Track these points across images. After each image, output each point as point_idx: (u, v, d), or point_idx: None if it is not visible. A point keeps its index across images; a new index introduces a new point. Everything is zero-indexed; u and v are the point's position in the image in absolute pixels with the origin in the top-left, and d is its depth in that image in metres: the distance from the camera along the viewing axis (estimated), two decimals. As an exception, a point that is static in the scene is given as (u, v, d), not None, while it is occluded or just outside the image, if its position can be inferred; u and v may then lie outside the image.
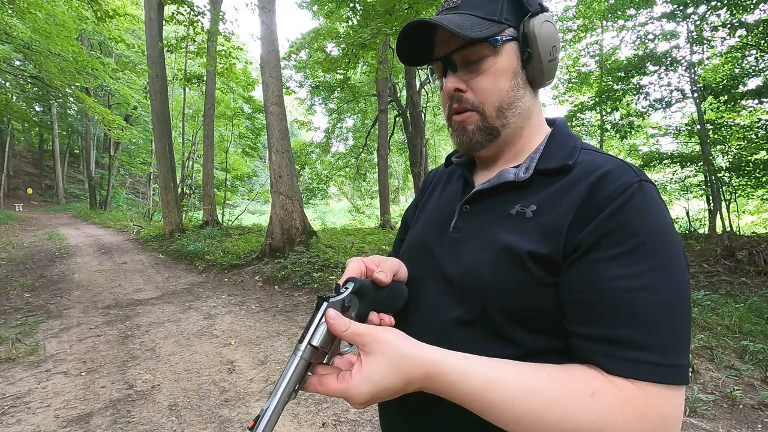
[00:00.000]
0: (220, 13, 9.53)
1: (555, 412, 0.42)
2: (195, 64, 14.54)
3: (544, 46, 0.57)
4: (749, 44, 5.73)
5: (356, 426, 2.24)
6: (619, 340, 0.44)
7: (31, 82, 13.95)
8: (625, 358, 0.43)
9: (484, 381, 0.44)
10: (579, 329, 0.47)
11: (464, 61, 0.59)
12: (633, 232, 0.46)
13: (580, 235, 0.48)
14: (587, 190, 0.51)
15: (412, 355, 0.45)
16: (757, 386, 2.50)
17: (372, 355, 0.45)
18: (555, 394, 0.43)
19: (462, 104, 0.60)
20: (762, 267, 4.49)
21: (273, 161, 6.88)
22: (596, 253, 0.47)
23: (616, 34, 10.79)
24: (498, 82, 0.58)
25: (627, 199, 0.48)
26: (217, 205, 12.29)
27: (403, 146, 16.57)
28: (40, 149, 28.11)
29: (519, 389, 0.44)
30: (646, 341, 0.43)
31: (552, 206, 0.53)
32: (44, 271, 6.68)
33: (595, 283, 0.46)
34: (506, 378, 0.44)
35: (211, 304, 4.78)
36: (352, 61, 7.50)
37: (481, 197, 0.62)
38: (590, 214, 0.49)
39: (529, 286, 0.50)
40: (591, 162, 0.55)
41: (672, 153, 7.05)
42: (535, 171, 0.58)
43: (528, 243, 0.51)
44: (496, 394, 0.44)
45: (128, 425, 2.27)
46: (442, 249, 0.62)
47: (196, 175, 17.96)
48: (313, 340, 0.45)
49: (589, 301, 0.46)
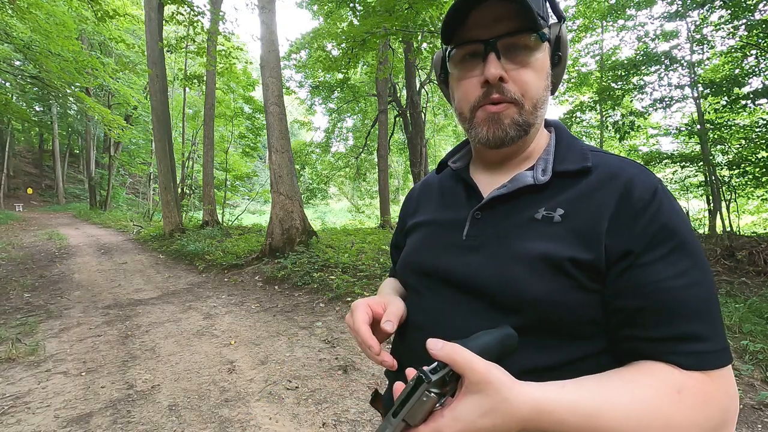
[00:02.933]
0: (220, 13, 9.54)
1: (661, 418, 0.43)
2: (195, 64, 14.56)
3: (567, 54, 0.60)
4: (750, 44, 5.73)
5: (356, 426, 2.24)
6: (686, 336, 0.46)
7: (31, 82, 13.95)
8: (695, 352, 0.45)
9: (591, 407, 0.42)
10: (644, 333, 0.48)
11: (509, 49, 0.55)
12: (672, 232, 0.49)
13: (625, 241, 0.49)
14: (618, 194, 0.51)
15: (515, 398, 0.41)
16: (757, 386, 2.50)
17: (474, 395, 0.41)
18: (654, 400, 0.43)
19: (503, 95, 0.55)
20: (762, 267, 4.49)
21: (273, 161, 6.88)
22: (646, 257, 0.48)
23: (616, 34, 10.80)
24: (539, 78, 0.57)
25: (659, 201, 0.50)
26: (217, 205, 12.29)
27: (403, 146, 16.56)
28: (40, 149, 28.13)
29: (623, 405, 0.43)
30: (706, 333, 0.46)
31: (580, 210, 0.53)
32: (44, 271, 6.68)
33: (651, 286, 0.47)
34: (608, 397, 0.43)
35: (211, 304, 4.78)
36: (352, 60, 7.50)
37: (493, 203, 0.59)
38: (629, 219, 0.50)
39: (569, 293, 0.49)
40: (607, 164, 0.56)
41: (672, 153, 7.05)
42: (553, 173, 0.57)
43: (566, 249, 0.50)
44: (605, 417, 0.42)
45: (128, 425, 2.27)
46: (455, 259, 0.58)
47: (196, 175, 17.95)
48: (408, 419, 0.42)
49: (649, 305, 0.47)
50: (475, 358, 0.42)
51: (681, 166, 6.78)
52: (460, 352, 0.42)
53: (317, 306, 4.58)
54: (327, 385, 2.70)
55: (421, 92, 12.83)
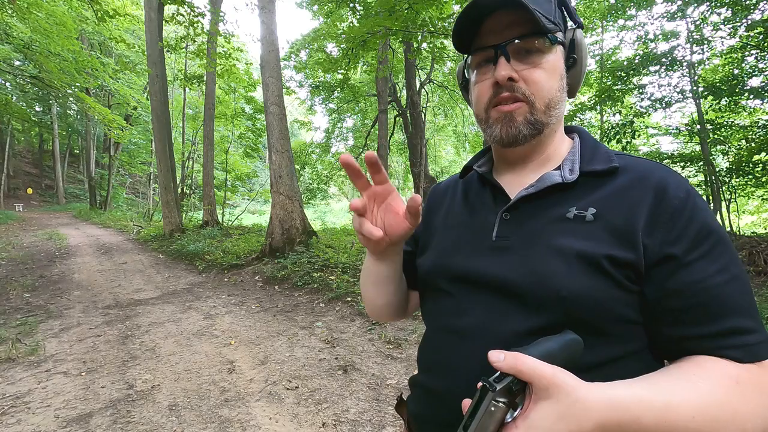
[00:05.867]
0: (220, 14, 9.53)
1: (728, 410, 0.43)
2: (195, 64, 14.55)
3: (585, 59, 0.62)
4: (750, 44, 5.72)
5: (356, 426, 2.24)
6: (736, 330, 0.47)
7: (31, 82, 13.95)
8: (746, 345, 0.47)
9: (662, 402, 0.43)
10: (694, 331, 0.49)
11: (520, 52, 0.58)
12: (709, 230, 0.50)
13: (666, 242, 0.50)
14: (652, 194, 0.52)
15: (586, 398, 0.41)
16: (758, 386, 2.50)
17: (544, 402, 0.41)
18: (718, 394, 0.44)
19: (514, 93, 0.58)
20: (762, 267, 4.49)
21: (273, 161, 6.88)
22: (689, 256, 0.49)
23: (616, 34, 10.80)
24: (550, 78, 0.58)
25: (694, 200, 0.52)
26: (217, 205, 12.29)
27: (403, 146, 16.55)
28: (40, 149, 28.13)
29: (692, 399, 0.43)
30: (752, 325, 0.48)
31: (612, 208, 0.53)
32: (44, 271, 6.68)
33: (699, 285, 0.48)
34: (676, 392, 0.44)
35: (211, 304, 4.78)
36: (352, 61, 7.50)
37: (521, 203, 0.60)
38: (666, 219, 0.51)
39: (606, 291, 0.50)
40: (635, 165, 0.57)
41: (672, 153, 7.05)
42: (580, 173, 0.58)
43: (602, 247, 0.51)
44: (677, 412, 0.42)
45: (128, 425, 2.27)
46: (487, 260, 0.58)
47: (196, 175, 17.96)
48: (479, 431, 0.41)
49: (698, 303, 0.48)
50: (540, 364, 0.41)
51: (681, 166, 6.77)
52: (524, 359, 0.41)
53: (317, 306, 4.58)
54: (327, 385, 2.70)
55: (421, 92, 12.83)
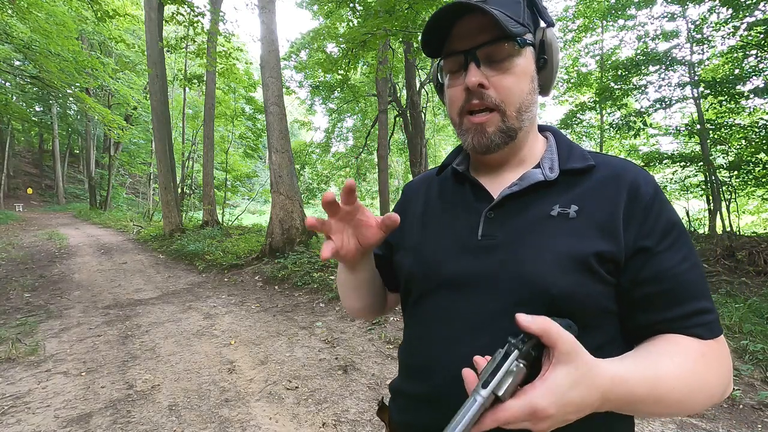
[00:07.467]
0: (220, 14, 9.52)
1: (700, 380, 0.49)
2: (195, 64, 14.54)
3: (556, 57, 0.62)
4: (750, 44, 5.72)
5: (356, 426, 2.24)
6: (699, 311, 0.53)
7: (31, 82, 13.94)
8: (706, 323, 0.53)
9: (651, 375, 0.47)
10: (666, 314, 0.53)
11: (489, 57, 0.58)
12: (673, 223, 0.55)
13: (640, 234, 0.54)
14: (626, 190, 0.56)
15: (597, 367, 0.43)
16: (757, 386, 2.50)
17: (564, 365, 0.41)
18: (690, 366, 0.50)
19: (483, 101, 0.58)
20: (762, 267, 4.48)
21: (273, 161, 6.88)
22: (659, 247, 0.54)
23: (616, 34, 10.80)
24: (520, 82, 0.58)
25: (660, 196, 0.56)
26: (217, 205, 12.29)
27: (403, 146, 16.55)
28: (40, 149, 28.12)
29: (673, 372, 0.48)
30: (710, 306, 0.53)
31: (593, 204, 0.56)
32: (44, 271, 6.68)
33: (667, 272, 0.53)
34: (659, 366, 0.48)
35: (211, 304, 4.78)
36: (352, 61, 7.50)
37: (505, 201, 0.60)
38: (640, 213, 0.55)
39: (591, 286, 0.53)
40: (609, 163, 0.60)
41: (672, 153, 7.04)
42: (560, 171, 0.59)
43: (590, 244, 0.54)
44: (663, 383, 0.47)
45: (128, 425, 2.27)
46: (473, 259, 0.58)
47: (196, 175, 17.95)
48: (498, 390, 0.41)
49: (668, 289, 0.53)
50: (564, 330, 0.43)
51: (681, 166, 6.77)
52: (552, 323, 0.43)
53: (317, 306, 4.58)
54: (327, 385, 2.70)
55: (421, 92, 12.82)
